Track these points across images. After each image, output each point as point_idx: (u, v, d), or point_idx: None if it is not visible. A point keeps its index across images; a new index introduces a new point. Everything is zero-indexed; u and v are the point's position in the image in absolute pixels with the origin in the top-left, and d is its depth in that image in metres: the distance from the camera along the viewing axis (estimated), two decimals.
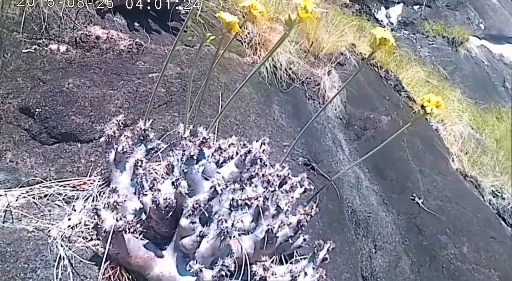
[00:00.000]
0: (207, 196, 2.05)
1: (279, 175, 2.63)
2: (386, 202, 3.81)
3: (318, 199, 3.28)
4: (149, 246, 2.09)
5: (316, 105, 4.20)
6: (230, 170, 2.24)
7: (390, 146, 4.60)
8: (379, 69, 5.92)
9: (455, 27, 9.94)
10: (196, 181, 2.14)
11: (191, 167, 2.11)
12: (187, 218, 2.00)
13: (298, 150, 3.52)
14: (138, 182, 2.14)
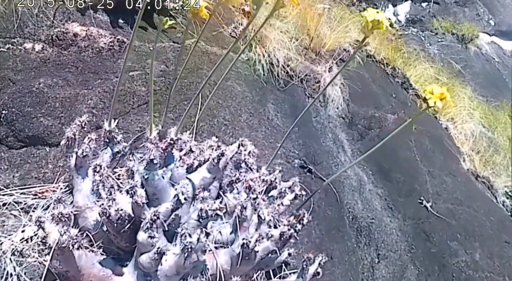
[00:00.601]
0: (170, 206, 1.71)
1: (265, 180, 2.28)
2: (391, 206, 3.43)
3: (314, 205, 2.91)
4: (106, 263, 1.76)
5: (316, 104, 3.83)
6: (202, 176, 1.89)
7: (396, 146, 4.22)
8: (385, 66, 5.53)
9: (464, 24, 9.47)
10: (161, 189, 1.80)
11: (152, 173, 1.77)
12: (145, 231, 1.67)
13: (295, 151, 3.16)
14: (95, 190, 1.81)
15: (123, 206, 1.69)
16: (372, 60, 5.37)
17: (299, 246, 2.67)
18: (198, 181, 1.89)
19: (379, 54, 5.56)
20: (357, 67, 4.79)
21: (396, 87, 5.37)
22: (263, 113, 3.24)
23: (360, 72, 4.74)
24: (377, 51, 5.58)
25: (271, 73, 3.70)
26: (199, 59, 3.27)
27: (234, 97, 3.16)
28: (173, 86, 2.19)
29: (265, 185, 2.28)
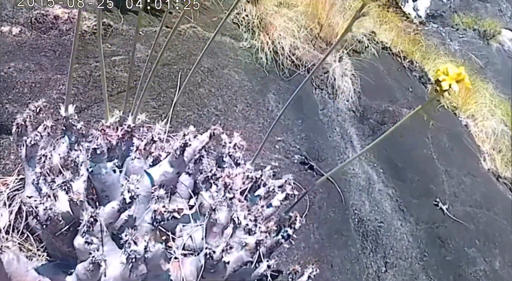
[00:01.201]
0: (117, 206, 1.35)
1: (250, 177, 1.90)
2: (402, 209, 3.01)
3: (315, 206, 2.52)
4: (45, 269, 1.41)
5: (324, 96, 3.43)
6: (162, 170, 1.52)
7: (412, 143, 3.78)
8: (402, 60, 5.07)
9: (486, 20, 8.87)
10: (110, 184, 1.44)
11: (98, 165, 1.41)
12: (82, 235, 1.31)
13: (295, 146, 2.76)
14: (35, 184, 1.46)
15: (60, 204, 1.33)
16: (388, 53, 4.92)
17: (294, 252, 2.28)
18: (158, 176, 1.52)
19: (395, 46, 5.10)
20: (371, 58, 4.36)
21: (413, 81, 4.91)
22: (262, 104, 2.86)
23: (374, 64, 4.31)
24: (394, 44, 5.12)
25: (275, 62, 3.32)
26: (194, 45, 2.90)
27: (230, 86, 2.78)
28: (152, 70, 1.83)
29: (250, 183, 1.90)
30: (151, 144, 1.60)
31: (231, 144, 2.04)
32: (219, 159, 2.02)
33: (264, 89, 3.00)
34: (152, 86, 2.47)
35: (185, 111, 2.42)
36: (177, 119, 2.36)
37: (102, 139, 1.43)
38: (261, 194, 1.94)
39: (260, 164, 2.41)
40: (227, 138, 2.05)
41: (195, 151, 1.58)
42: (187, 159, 1.57)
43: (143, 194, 1.49)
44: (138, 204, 1.51)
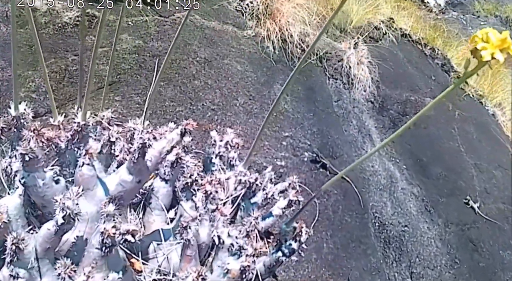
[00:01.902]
0: (53, 228, 0.98)
1: (243, 182, 1.51)
2: (429, 209, 2.57)
3: (328, 210, 2.11)
4: None
5: (339, 86, 3.01)
6: (119, 178, 1.14)
7: (437, 134, 3.33)
8: (423, 47, 4.59)
9: (508, 5, 8.24)
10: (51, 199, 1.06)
11: (32, 175, 1.04)
12: (7, 267, 0.94)
13: (305, 142, 2.35)
14: None
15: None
16: (408, 40, 4.44)
17: (304, 265, 1.88)
18: (113, 186, 1.14)
19: (415, 33, 4.63)
20: (390, 46, 3.91)
21: (436, 69, 4.43)
22: (267, 96, 2.45)
23: (393, 52, 3.86)
24: (413, 31, 4.64)
25: (283, 51, 2.91)
26: (190, 34, 2.52)
27: (231, 78, 2.39)
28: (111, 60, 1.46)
29: (243, 189, 1.51)
30: (108, 145, 1.22)
31: (221, 142, 1.65)
32: (206, 160, 1.64)
33: (270, 81, 2.60)
34: (138, 79, 2.09)
35: (175, 107, 2.04)
36: (165, 116, 1.99)
37: (36, 142, 1.05)
38: (258, 202, 1.55)
39: (262, 164, 2.02)
40: (216, 136, 1.66)
41: (161, 152, 1.20)
42: (152, 163, 1.18)
43: (96, 209, 1.12)
44: (91, 222, 1.14)
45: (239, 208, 1.54)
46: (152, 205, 1.47)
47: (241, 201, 1.53)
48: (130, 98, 2.03)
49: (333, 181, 1.45)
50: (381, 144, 1.16)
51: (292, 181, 1.64)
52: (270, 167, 1.68)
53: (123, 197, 1.16)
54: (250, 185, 1.50)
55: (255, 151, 2.06)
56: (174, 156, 1.41)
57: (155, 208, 1.46)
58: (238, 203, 1.53)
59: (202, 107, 2.13)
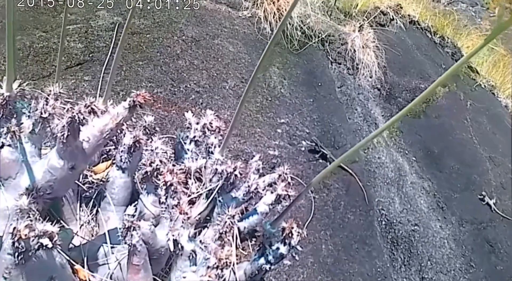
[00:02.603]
0: None
1: (219, 172, 1.20)
2: (442, 206, 2.24)
3: (329, 207, 1.80)
4: None
5: (343, 71, 2.68)
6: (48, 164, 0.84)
7: (449, 125, 2.99)
8: (432, 35, 4.24)
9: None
10: None
11: None
12: None
13: (304, 129, 2.03)
14: None
15: None
16: (416, 27, 4.10)
17: (299, 271, 1.57)
18: (41, 174, 0.84)
19: (424, 21, 4.28)
20: (397, 32, 3.56)
21: (446, 58, 4.07)
22: (262, 79, 2.14)
23: (402, 38, 3.51)
24: (422, 18, 4.30)
25: (282, 33, 2.58)
26: (178, 13, 2.20)
27: (221, 58, 2.07)
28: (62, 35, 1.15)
29: (220, 180, 1.20)
30: (41, 123, 0.92)
31: (198, 126, 1.34)
32: (177, 146, 1.33)
33: (266, 63, 2.28)
34: (113, 58, 1.79)
35: (153, 88, 1.73)
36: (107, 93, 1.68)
37: None
38: (239, 196, 1.24)
39: (252, 154, 1.71)
40: (192, 118, 1.35)
41: (102, 131, 0.89)
42: (90, 145, 0.88)
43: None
44: (10, 218, 0.84)
45: (216, 204, 1.24)
46: (107, 199, 1.16)
47: (217, 195, 1.21)
48: (101, 78, 1.72)
49: (328, 170, 1.13)
50: (384, 126, 0.87)
51: (282, 172, 1.33)
52: (257, 155, 1.37)
53: (52, 187, 0.85)
54: (227, 176, 1.19)
55: (244, 138, 1.75)
56: (131, 138, 1.11)
57: (111, 202, 1.15)
58: (214, 197, 1.22)
59: (186, 89, 1.82)
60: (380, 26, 3.46)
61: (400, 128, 2.68)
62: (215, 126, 1.39)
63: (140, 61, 1.86)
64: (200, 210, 1.22)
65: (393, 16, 3.75)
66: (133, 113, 0.96)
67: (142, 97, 0.94)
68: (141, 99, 0.94)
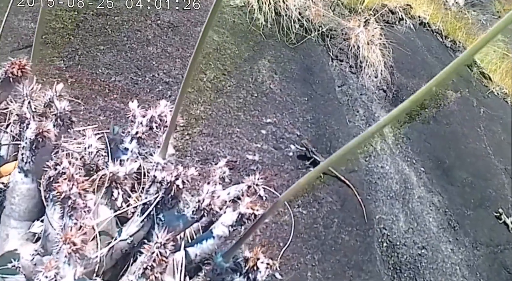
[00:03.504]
0: None
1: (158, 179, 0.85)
2: (453, 225, 1.87)
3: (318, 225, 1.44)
4: None
5: (344, 69, 2.32)
6: None
7: (461, 133, 2.62)
8: (443, 38, 3.87)
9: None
10: None
11: None
12: None
13: (294, 131, 1.68)
14: None
15: None
16: (427, 29, 3.73)
17: None
18: None
19: (435, 23, 3.92)
20: (406, 32, 3.20)
21: None
22: (248, 72, 1.79)
23: (411, 38, 3.15)
24: (433, 20, 3.93)
25: (277, 24, 2.24)
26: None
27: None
28: None
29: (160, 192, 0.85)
30: None
31: (143, 119, 1.00)
32: (111, 143, 0.98)
33: (256, 56, 1.93)
34: (68, 41, 1.46)
35: (112, 76, 1.39)
36: (92, 86, 1.34)
37: None
38: (187, 214, 0.89)
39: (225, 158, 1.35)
40: (137, 109, 1.01)
41: None
42: None
43: None
44: None
45: (156, 223, 0.89)
46: (7, 210, 0.82)
47: (155, 211, 0.87)
48: (50, 62, 1.38)
49: (303, 183, 0.78)
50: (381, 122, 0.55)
51: (252, 183, 0.99)
52: (224, 160, 1.02)
53: None
54: (168, 186, 0.84)
55: (217, 138, 1.40)
56: (33, 131, 0.77)
57: (11, 215, 0.81)
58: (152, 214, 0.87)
59: (152, 78, 1.47)
60: (389, 25, 3.10)
61: (408, 134, 2.31)
62: (162, 120, 1.04)
63: (102, 45, 1.52)
64: (132, 231, 0.87)
65: (403, 15, 3.39)
66: (9, 89, 0.62)
67: (18, 66, 0.60)
68: (16, 69, 0.60)
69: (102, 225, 0.87)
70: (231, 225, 0.89)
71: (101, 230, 0.88)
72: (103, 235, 0.88)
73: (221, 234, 0.90)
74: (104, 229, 0.89)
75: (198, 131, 1.25)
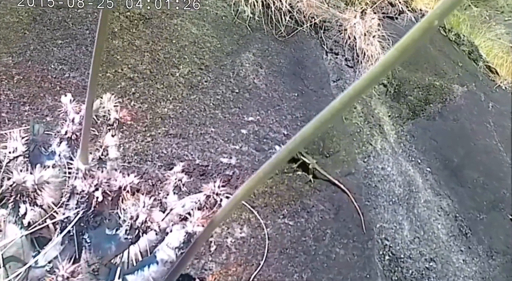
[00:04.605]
0: None
1: (77, 190, 0.62)
2: (465, 231, 1.62)
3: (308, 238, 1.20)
4: None
5: (340, 62, 2.09)
6: None
7: (470, 129, 2.37)
8: (447, 32, 3.62)
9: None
10: None
11: None
12: None
13: (280, 130, 1.45)
14: None
15: None
16: None
17: None
18: None
19: None
20: (407, 25, 2.96)
21: (463, 56, 3.44)
22: (229, 67, 1.56)
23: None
24: None
25: (265, 17, 2.01)
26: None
27: (176, 40, 1.51)
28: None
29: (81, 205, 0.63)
30: None
31: (77, 116, 0.78)
32: (31, 146, 0.77)
33: (240, 50, 1.71)
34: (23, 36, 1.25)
35: (66, 71, 1.18)
36: (42, 83, 1.12)
37: None
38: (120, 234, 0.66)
39: (194, 162, 1.13)
40: (69, 105, 0.79)
41: None
42: None
43: None
44: None
45: (83, 245, 0.67)
46: None
47: (78, 230, 0.64)
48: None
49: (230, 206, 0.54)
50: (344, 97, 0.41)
51: (212, 192, 0.76)
52: (179, 165, 0.80)
53: None
54: (87, 199, 0.62)
55: (187, 139, 1.17)
56: None
57: None
58: (73, 234, 0.65)
59: (114, 74, 1.26)
60: (388, 18, 2.87)
61: (411, 132, 2.07)
62: (112, 119, 0.83)
63: (60, 39, 1.31)
64: (51, 255, 0.65)
65: (403, 8, 3.16)
66: None
67: None
68: None
69: (11, 248, 0.66)
70: (178, 247, 0.67)
71: (10, 254, 0.66)
72: (13, 261, 0.67)
73: (165, 258, 0.68)
74: (14, 253, 0.67)
75: (163, 132, 1.03)
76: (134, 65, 1.31)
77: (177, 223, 0.71)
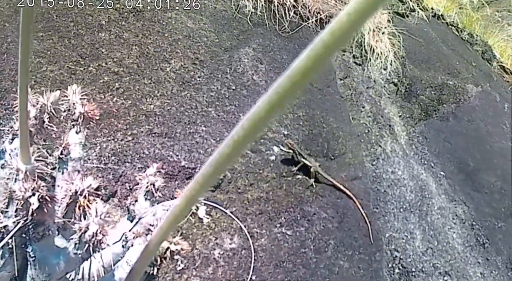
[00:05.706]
0: None
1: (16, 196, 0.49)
2: (482, 241, 1.45)
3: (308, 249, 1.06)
4: None
5: (347, 59, 1.94)
6: None
7: (485, 131, 2.19)
8: (459, 31, 3.45)
9: None
10: None
11: None
12: None
13: (280, 129, 1.31)
14: None
15: None
16: (441, 22, 3.32)
17: None
18: None
19: (449, 16, 3.50)
20: (418, 23, 2.80)
21: (476, 56, 3.26)
22: (226, 62, 1.43)
23: (424, 29, 2.75)
24: (447, 13, 3.53)
25: (267, 12, 1.88)
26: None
27: (168, 34, 1.38)
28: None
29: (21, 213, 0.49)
30: None
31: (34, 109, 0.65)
32: None
33: (239, 45, 1.57)
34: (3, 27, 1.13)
35: (43, 65, 1.05)
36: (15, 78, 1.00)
37: None
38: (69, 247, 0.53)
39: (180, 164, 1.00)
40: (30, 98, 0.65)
41: None
42: None
43: None
44: None
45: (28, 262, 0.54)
46: None
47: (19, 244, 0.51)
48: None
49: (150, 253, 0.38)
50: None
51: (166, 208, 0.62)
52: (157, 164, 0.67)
53: None
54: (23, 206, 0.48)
55: (174, 139, 1.04)
56: None
57: None
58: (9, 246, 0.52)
59: (98, 68, 1.13)
60: (398, 15, 2.71)
61: (424, 133, 1.91)
62: (77, 113, 0.70)
63: (42, 32, 1.19)
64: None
65: (414, 6, 3.00)
66: None
67: None
68: None
69: None
70: None
71: None
72: None
73: (124, 277, 0.54)
74: None
75: (146, 130, 0.90)
76: (120, 59, 1.18)
77: (140, 236, 0.58)
